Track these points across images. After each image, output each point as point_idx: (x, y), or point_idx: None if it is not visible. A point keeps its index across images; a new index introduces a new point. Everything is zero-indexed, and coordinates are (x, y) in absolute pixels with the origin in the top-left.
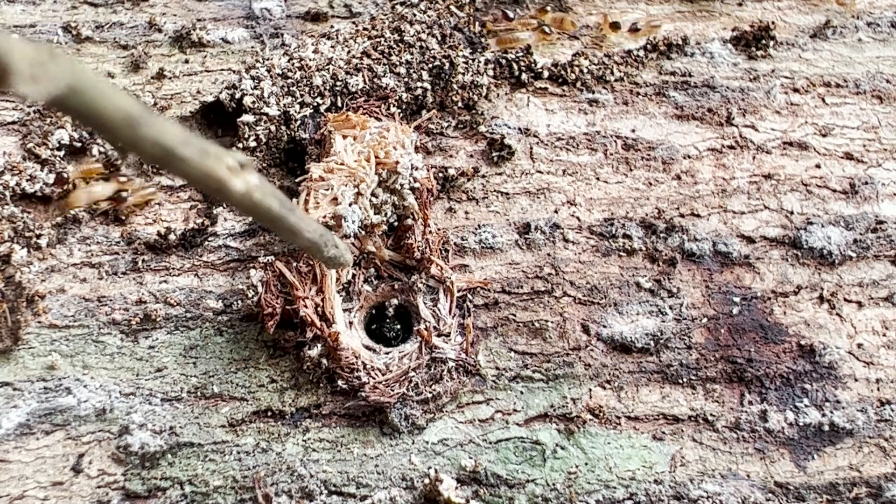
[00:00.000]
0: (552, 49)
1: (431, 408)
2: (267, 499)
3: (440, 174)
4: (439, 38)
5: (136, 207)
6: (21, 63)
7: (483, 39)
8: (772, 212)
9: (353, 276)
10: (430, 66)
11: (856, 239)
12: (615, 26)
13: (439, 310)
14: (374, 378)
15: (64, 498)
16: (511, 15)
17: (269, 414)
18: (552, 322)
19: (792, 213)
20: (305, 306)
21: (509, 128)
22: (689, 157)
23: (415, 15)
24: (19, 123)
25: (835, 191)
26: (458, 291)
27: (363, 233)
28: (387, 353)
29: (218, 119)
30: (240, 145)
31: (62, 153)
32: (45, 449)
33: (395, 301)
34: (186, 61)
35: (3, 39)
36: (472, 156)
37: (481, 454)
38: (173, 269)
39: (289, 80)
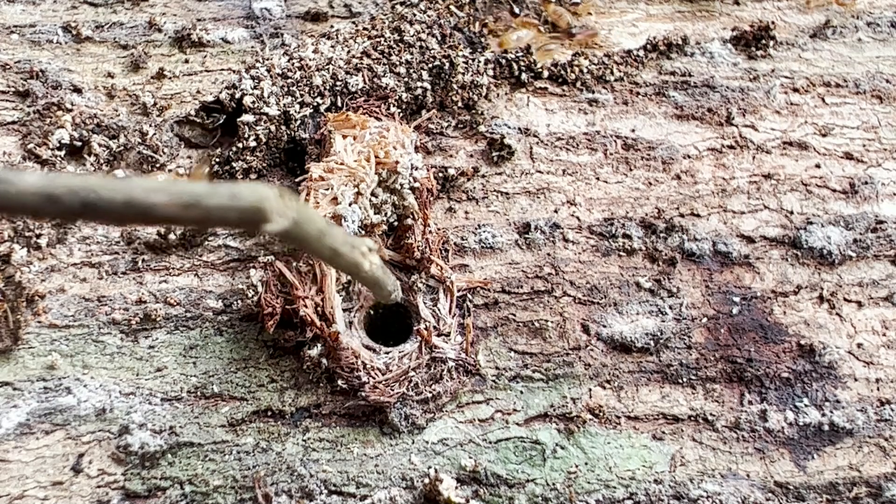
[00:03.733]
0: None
1: (431, 407)
2: (267, 498)
3: (440, 174)
4: (439, 38)
5: None
6: (274, 206)
7: (483, 39)
8: (772, 212)
9: None
10: (430, 65)
11: (856, 239)
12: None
13: (439, 310)
14: (374, 378)
15: (64, 498)
16: (517, 11)
17: (269, 414)
18: (552, 322)
19: (792, 212)
20: (305, 306)
21: (509, 128)
22: (689, 156)
23: (415, 15)
24: (19, 123)
25: (835, 191)
26: (458, 291)
27: (363, 233)
28: (387, 353)
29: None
30: (240, 145)
31: (62, 153)
32: (45, 449)
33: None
34: (186, 61)
35: (259, 189)
36: (472, 156)
37: (481, 454)
38: (173, 268)
39: (289, 80)
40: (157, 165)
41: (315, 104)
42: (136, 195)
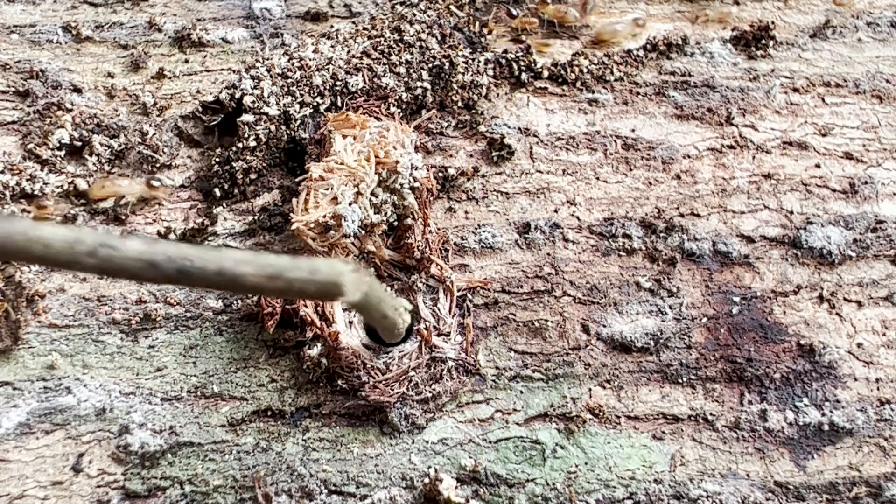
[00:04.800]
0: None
1: (431, 407)
2: (267, 498)
3: (440, 174)
4: (439, 38)
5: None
6: (349, 281)
7: (483, 39)
8: (771, 211)
9: None
10: (430, 65)
11: (855, 238)
12: None
13: (439, 309)
14: (373, 377)
15: (64, 497)
16: (514, 13)
17: (269, 413)
18: (552, 322)
19: (792, 212)
20: (305, 305)
21: (509, 127)
22: (689, 156)
23: (415, 15)
24: (19, 123)
25: (834, 190)
26: (458, 291)
27: (363, 232)
28: (387, 353)
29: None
30: (240, 145)
31: (62, 153)
32: (45, 448)
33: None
34: (186, 61)
35: (336, 266)
36: (471, 155)
37: (481, 454)
38: None
39: (289, 80)
40: (157, 165)
41: (315, 104)
42: (227, 266)
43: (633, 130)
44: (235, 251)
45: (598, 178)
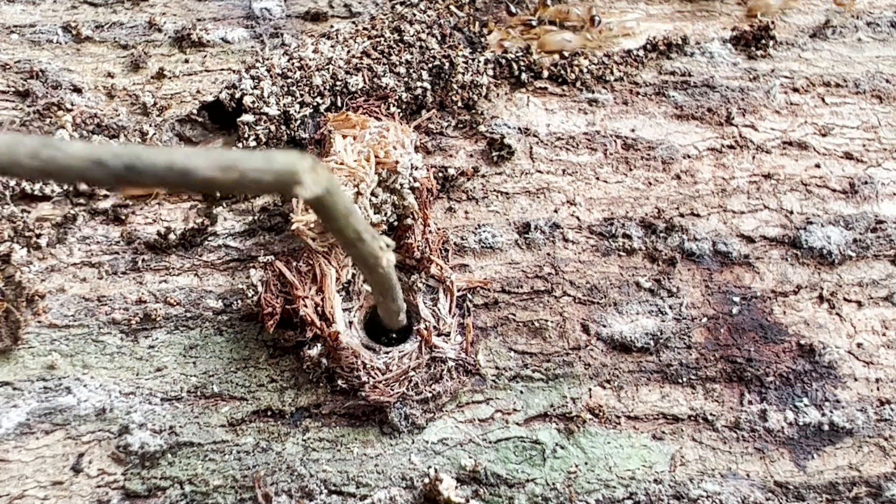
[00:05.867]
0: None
1: (431, 407)
2: (267, 498)
3: (440, 174)
4: (439, 38)
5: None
6: (305, 175)
7: (483, 39)
8: (771, 211)
9: (353, 275)
10: (430, 65)
11: (855, 238)
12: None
13: (439, 309)
14: (373, 377)
15: (64, 497)
16: (514, 11)
17: (269, 413)
18: (552, 322)
19: (792, 212)
20: (305, 306)
21: (509, 127)
22: (689, 156)
23: (415, 15)
24: (19, 123)
25: (834, 190)
26: (458, 291)
27: None
28: (387, 353)
29: (218, 118)
30: (240, 145)
31: None
32: (45, 448)
33: None
34: (186, 61)
35: (293, 155)
36: (471, 155)
37: (481, 454)
38: (173, 268)
39: (289, 80)
40: None
41: (315, 104)
42: (177, 159)
43: (633, 130)
44: (186, 148)
45: (598, 178)
